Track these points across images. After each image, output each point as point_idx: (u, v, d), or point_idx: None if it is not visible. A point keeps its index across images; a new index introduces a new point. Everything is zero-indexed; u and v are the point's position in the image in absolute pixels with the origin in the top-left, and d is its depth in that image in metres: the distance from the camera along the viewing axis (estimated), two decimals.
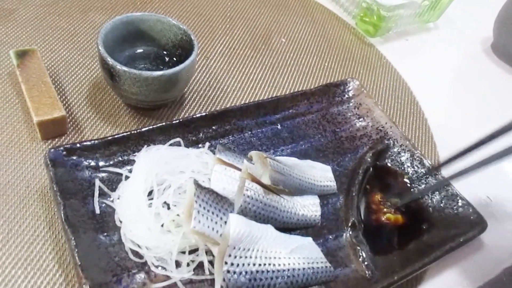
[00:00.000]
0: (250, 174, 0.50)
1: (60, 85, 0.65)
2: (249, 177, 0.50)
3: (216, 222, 0.44)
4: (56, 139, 0.58)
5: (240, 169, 0.52)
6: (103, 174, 0.50)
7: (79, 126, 0.60)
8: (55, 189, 0.46)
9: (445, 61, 0.91)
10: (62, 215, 0.44)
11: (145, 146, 0.52)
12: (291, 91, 0.71)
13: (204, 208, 0.44)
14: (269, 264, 0.45)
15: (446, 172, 0.54)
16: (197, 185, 0.45)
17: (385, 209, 0.55)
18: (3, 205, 0.50)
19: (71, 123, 0.60)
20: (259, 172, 0.51)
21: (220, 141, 0.57)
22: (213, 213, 0.45)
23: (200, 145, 0.56)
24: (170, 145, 0.53)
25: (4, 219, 0.49)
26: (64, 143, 0.57)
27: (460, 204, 0.56)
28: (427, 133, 0.73)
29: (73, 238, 0.43)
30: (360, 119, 0.66)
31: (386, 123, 0.65)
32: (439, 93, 0.82)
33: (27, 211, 0.50)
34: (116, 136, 0.52)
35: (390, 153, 0.62)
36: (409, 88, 0.80)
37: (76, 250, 0.42)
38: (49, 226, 0.49)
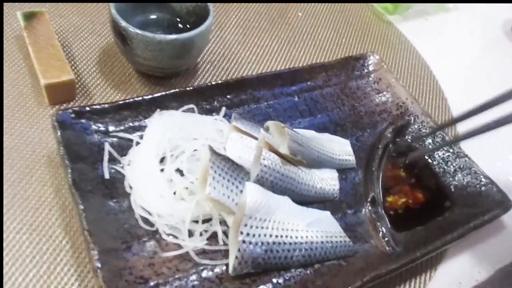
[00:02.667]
0: (267, 143, 0.47)
1: (69, 50, 0.62)
2: (266, 146, 0.47)
3: (231, 190, 0.42)
4: (64, 105, 0.56)
5: (256, 138, 0.49)
6: (113, 139, 0.48)
7: (88, 92, 0.58)
8: (62, 152, 0.44)
9: (465, 42, 0.88)
10: (70, 178, 0.42)
11: (158, 110, 0.49)
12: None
13: (219, 175, 0.42)
14: (286, 236, 0.42)
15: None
16: (213, 151, 0.43)
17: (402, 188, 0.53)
18: (8, 169, 0.48)
19: (79, 89, 0.58)
20: (277, 142, 0.49)
21: (236, 111, 0.55)
22: (228, 180, 0.42)
23: (214, 114, 0.54)
24: (184, 111, 0.51)
25: (9, 183, 0.47)
26: (62, 109, 0.55)
27: (483, 182, 0.53)
28: (447, 112, 0.70)
29: (80, 202, 0.40)
30: (380, 94, 0.63)
31: (406, 98, 0.62)
32: (459, 74, 0.79)
33: (33, 176, 0.48)
34: (127, 101, 0.50)
35: (410, 129, 0.59)
36: (429, 67, 0.77)
37: (84, 215, 0.40)
38: (56, 192, 0.47)
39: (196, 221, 0.43)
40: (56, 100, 0.55)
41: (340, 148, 0.54)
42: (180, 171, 0.45)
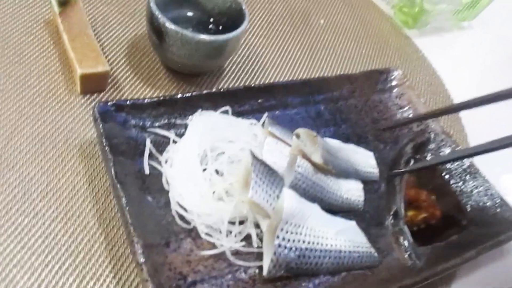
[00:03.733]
0: (301, 150, 0.49)
1: (98, 40, 0.62)
2: (300, 153, 0.48)
3: (270, 195, 0.43)
4: (95, 95, 0.56)
5: (289, 145, 0.50)
6: (150, 135, 0.49)
7: (117, 84, 0.58)
8: (104, 143, 0.44)
9: (480, 61, 0.91)
10: (112, 171, 0.42)
11: (199, 110, 0.50)
12: (329, 74, 0.70)
13: (260, 179, 0.43)
14: (317, 243, 0.44)
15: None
16: (254, 156, 0.44)
17: (422, 203, 0.55)
18: (42, 156, 0.48)
19: (109, 80, 0.58)
20: (309, 150, 0.50)
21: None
22: (267, 185, 0.43)
23: (245, 117, 0.54)
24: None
25: (43, 170, 0.47)
26: (103, 99, 0.55)
27: (498, 203, 0.56)
28: (461, 131, 0.72)
29: (123, 195, 0.41)
30: (401, 110, 0.65)
31: None
32: (473, 93, 0.81)
33: (66, 165, 0.48)
34: (164, 98, 0.51)
35: (430, 147, 0.61)
36: (444, 85, 0.80)
37: (127, 208, 0.40)
38: (89, 183, 0.48)
39: (233, 223, 0.44)
40: (88, 89, 0.55)
41: (364, 160, 0.56)
42: (217, 172, 0.46)
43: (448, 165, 0.59)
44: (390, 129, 0.60)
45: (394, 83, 0.67)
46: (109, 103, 0.47)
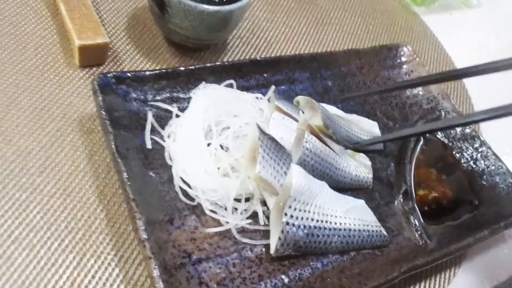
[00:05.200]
0: (309, 125, 0.47)
1: (97, 11, 0.59)
2: (308, 128, 0.47)
3: (277, 171, 0.42)
4: (94, 68, 0.53)
5: (296, 120, 0.48)
6: (151, 109, 0.47)
7: (118, 57, 0.56)
8: (104, 117, 0.42)
9: (488, 40, 0.88)
10: (113, 145, 0.40)
11: (203, 83, 0.48)
12: (336, 50, 0.68)
13: (268, 154, 0.41)
14: (326, 222, 0.42)
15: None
16: (261, 130, 0.42)
17: (433, 183, 0.53)
18: (40, 130, 0.46)
19: (109, 52, 0.55)
20: (308, 115, 0.48)
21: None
22: (275, 161, 0.42)
23: (250, 91, 0.52)
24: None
25: (42, 145, 0.45)
26: (103, 72, 0.53)
27: (510, 183, 0.54)
28: (471, 111, 0.70)
29: (125, 170, 0.39)
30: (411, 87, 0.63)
31: (438, 93, 0.62)
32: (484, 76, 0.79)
33: (65, 140, 0.46)
34: (167, 70, 0.48)
35: None
36: (453, 63, 0.78)
37: (129, 183, 0.39)
38: (89, 158, 0.46)
39: (238, 200, 0.42)
40: (86, 62, 0.53)
41: (368, 129, 0.54)
42: (223, 147, 0.45)
43: (459, 144, 0.58)
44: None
45: (403, 59, 0.65)
46: (109, 75, 0.45)
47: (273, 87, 0.52)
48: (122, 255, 0.41)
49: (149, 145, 0.43)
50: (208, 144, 0.43)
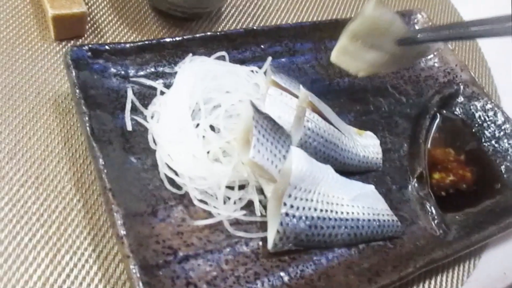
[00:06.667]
0: (310, 102, 0.41)
1: None
2: (309, 106, 0.41)
3: (275, 155, 0.37)
4: (72, 41, 0.48)
5: (296, 96, 0.43)
6: (134, 86, 0.41)
7: (98, 29, 0.50)
8: (78, 95, 0.37)
9: (508, 3, 0.81)
10: (88, 127, 0.36)
11: (190, 55, 0.43)
12: (342, 17, 0.61)
13: (263, 136, 0.36)
14: (331, 211, 0.37)
15: None
16: (256, 108, 0.37)
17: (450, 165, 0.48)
18: (9, 111, 0.41)
19: (88, 25, 0.50)
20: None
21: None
22: (272, 143, 0.37)
23: (245, 65, 0.47)
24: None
25: (11, 128, 0.40)
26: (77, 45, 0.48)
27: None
28: (491, 83, 0.64)
29: (101, 156, 0.34)
30: (426, 58, 0.57)
31: (456, 65, 0.56)
32: (504, 42, 0.73)
33: (38, 122, 0.42)
34: (150, 42, 0.43)
35: (459, 100, 0.54)
36: None
37: (105, 171, 0.34)
38: (65, 142, 0.41)
39: (231, 188, 0.37)
40: (63, 34, 0.48)
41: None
42: (213, 128, 0.39)
43: (479, 121, 0.52)
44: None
45: (417, 27, 0.58)
46: (84, 48, 0.40)
47: (269, 58, 0.47)
48: (102, 251, 0.36)
49: (129, 126, 0.38)
50: (197, 125, 0.38)
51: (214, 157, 0.37)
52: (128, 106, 0.39)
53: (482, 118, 0.52)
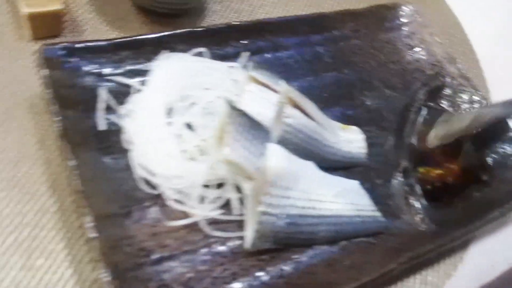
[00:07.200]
0: (291, 98, 0.40)
1: None
2: (289, 101, 0.40)
3: (252, 152, 0.36)
4: (49, 40, 0.47)
5: (277, 92, 0.42)
6: (109, 84, 0.41)
7: (77, 28, 0.49)
8: (49, 95, 0.36)
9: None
10: (59, 128, 0.35)
11: (165, 52, 0.42)
12: (327, 11, 0.60)
13: (240, 133, 0.35)
14: (312, 208, 0.37)
15: None
16: (232, 105, 0.36)
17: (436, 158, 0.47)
18: None
19: (67, 22, 0.49)
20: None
21: (251, 59, 0.47)
22: (248, 140, 0.36)
23: (227, 61, 0.46)
24: (193, 55, 0.43)
25: None
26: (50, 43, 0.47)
27: None
28: (479, 76, 0.63)
29: (72, 157, 0.33)
30: (412, 51, 0.56)
31: (442, 57, 0.55)
32: (494, 34, 0.72)
33: (12, 123, 0.41)
34: (127, 39, 0.42)
35: (445, 92, 0.53)
36: (460, 24, 0.70)
37: (77, 172, 0.33)
38: (40, 143, 0.40)
39: (208, 186, 0.36)
40: (39, 33, 0.47)
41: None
42: (189, 126, 0.38)
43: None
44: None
45: (404, 20, 0.58)
46: (57, 46, 0.39)
47: (247, 54, 0.46)
48: (76, 254, 0.35)
49: (102, 126, 0.37)
50: (172, 124, 0.37)
51: (190, 156, 0.37)
52: (101, 106, 0.38)
53: (469, 110, 0.51)
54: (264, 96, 0.41)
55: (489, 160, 0.48)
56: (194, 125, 0.38)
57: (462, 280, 0.43)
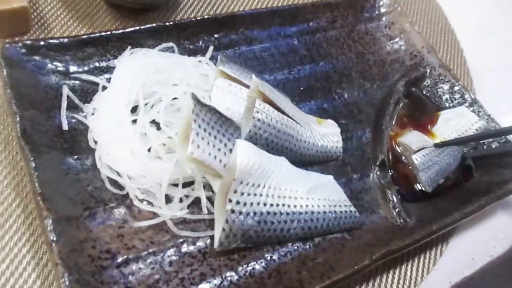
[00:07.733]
0: (261, 92, 0.39)
1: None
2: (260, 96, 0.39)
3: (219, 149, 0.35)
4: (16, 39, 0.46)
5: (247, 86, 0.41)
6: (74, 82, 0.40)
7: (45, 25, 0.48)
8: (9, 95, 0.35)
9: None
10: (18, 128, 0.34)
11: (129, 48, 0.41)
12: (304, 1, 0.59)
13: (205, 130, 0.34)
14: (283, 205, 0.36)
15: None
16: (197, 101, 0.35)
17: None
18: None
19: (35, 20, 0.48)
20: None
21: (224, 53, 0.46)
22: (215, 137, 0.35)
23: (198, 56, 0.45)
24: (161, 51, 0.42)
25: None
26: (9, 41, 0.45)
27: (507, 148, 0.47)
28: (462, 65, 0.62)
29: (32, 158, 0.33)
30: (392, 41, 0.55)
31: (422, 47, 0.54)
32: (477, 23, 0.71)
33: None
34: (92, 35, 0.41)
35: (425, 83, 0.52)
36: (444, 13, 0.69)
37: (36, 174, 0.32)
38: (4, 144, 0.39)
39: (175, 185, 0.35)
40: (5, 32, 0.45)
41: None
42: (156, 124, 0.37)
43: (447, 104, 0.50)
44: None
45: (382, 10, 0.57)
46: (18, 45, 0.38)
47: (211, 48, 0.45)
48: (41, 258, 0.34)
49: (65, 126, 0.36)
50: (136, 121, 0.36)
51: (156, 154, 0.35)
52: (64, 105, 0.37)
53: (450, 100, 0.50)
54: (234, 91, 0.40)
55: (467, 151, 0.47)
56: (159, 122, 0.37)
57: (443, 274, 0.42)
